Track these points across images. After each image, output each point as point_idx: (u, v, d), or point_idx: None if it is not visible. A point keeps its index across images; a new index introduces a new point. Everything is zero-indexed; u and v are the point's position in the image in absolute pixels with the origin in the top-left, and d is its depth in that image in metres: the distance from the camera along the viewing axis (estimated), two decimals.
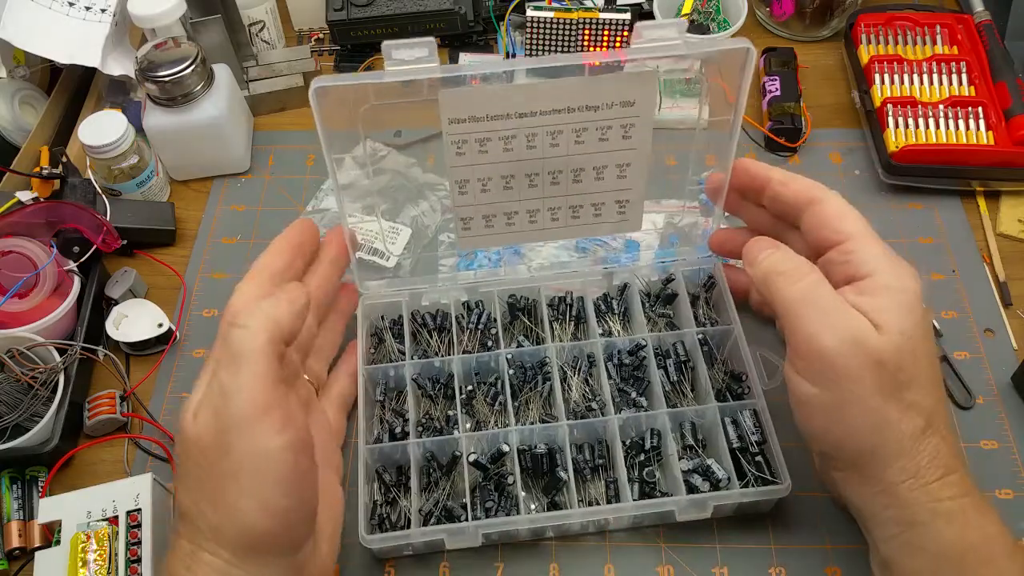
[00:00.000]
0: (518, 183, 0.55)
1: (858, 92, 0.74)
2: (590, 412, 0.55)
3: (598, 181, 0.56)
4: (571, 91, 0.50)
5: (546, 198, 0.56)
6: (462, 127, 0.51)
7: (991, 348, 0.61)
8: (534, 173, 0.54)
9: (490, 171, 0.54)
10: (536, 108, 0.51)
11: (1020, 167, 0.67)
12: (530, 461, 0.53)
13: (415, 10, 0.79)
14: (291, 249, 0.51)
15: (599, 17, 0.74)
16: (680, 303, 0.61)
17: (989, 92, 0.70)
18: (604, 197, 0.57)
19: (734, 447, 0.53)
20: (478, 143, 0.52)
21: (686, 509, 0.51)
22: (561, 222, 0.58)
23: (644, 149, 0.55)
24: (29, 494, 0.56)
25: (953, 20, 0.75)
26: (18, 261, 0.60)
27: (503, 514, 0.51)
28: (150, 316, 0.64)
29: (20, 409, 0.56)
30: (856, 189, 0.71)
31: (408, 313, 0.60)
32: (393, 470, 0.55)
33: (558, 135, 0.52)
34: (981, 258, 0.66)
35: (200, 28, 0.74)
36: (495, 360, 0.58)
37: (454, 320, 0.60)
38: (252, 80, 0.79)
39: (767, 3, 0.82)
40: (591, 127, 0.52)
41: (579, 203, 0.57)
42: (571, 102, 0.51)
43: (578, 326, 0.61)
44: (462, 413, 0.56)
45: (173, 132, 0.70)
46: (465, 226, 0.57)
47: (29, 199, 0.66)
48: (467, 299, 0.61)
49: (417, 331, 0.60)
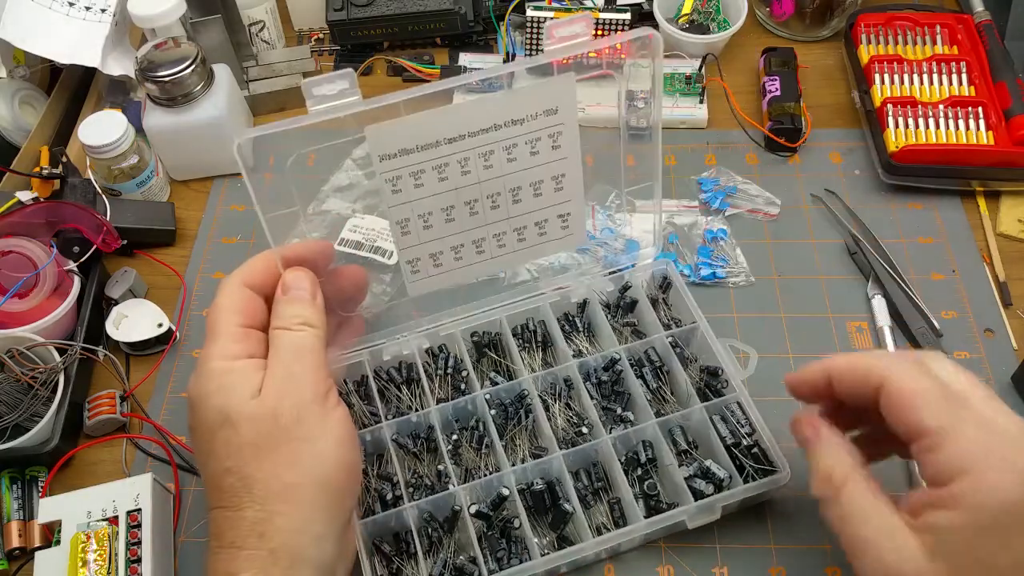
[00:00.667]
0: (459, 213, 0.54)
1: (858, 92, 0.74)
2: (580, 437, 0.54)
3: (537, 198, 0.55)
4: (494, 107, 0.50)
5: (489, 224, 0.55)
6: (394, 162, 0.50)
7: (991, 348, 0.61)
8: (473, 200, 0.53)
9: (429, 205, 0.53)
10: (464, 130, 0.50)
11: (1020, 167, 0.67)
12: (531, 499, 0.52)
13: (415, 10, 0.80)
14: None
15: (599, 17, 0.74)
16: (642, 309, 0.61)
17: (989, 92, 0.70)
18: (546, 213, 0.56)
19: (728, 443, 0.53)
20: (412, 176, 0.51)
21: (696, 516, 0.51)
22: (508, 247, 0.57)
23: (575, 157, 0.54)
24: (29, 494, 0.56)
25: (953, 20, 0.75)
26: (18, 261, 0.60)
27: (516, 560, 0.50)
28: (150, 316, 0.64)
29: (20, 409, 0.56)
30: (856, 189, 0.71)
31: (372, 371, 0.58)
32: (391, 539, 0.53)
33: (490, 155, 0.52)
34: (981, 258, 0.66)
35: (200, 28, 0.74)
36: (472, 403, 0.56)
37: (421, 369, 0.57)
38: (252, 80, 0.79)
39: (767, 3, 0.82)
40: (520, 142, 0.52)
41: (523, 224, 0.56)
42: (496, 118, 0.50)
43: (547, 351, 0.60)
44: (452, 464, 0.53)
45: (173, 132, 0.70)
46: (413, 268, 0.55)
47: (29, 199, 0.66)
48: (429, 345, 0.59)
49: (384, 388, 0.58)
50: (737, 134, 0.75)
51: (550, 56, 0.49)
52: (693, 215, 0.69)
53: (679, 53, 0.79)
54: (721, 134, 0.75)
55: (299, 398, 0.46)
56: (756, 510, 0.54)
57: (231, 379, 0.45)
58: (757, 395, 0.54)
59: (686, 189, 0.71)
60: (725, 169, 0.72)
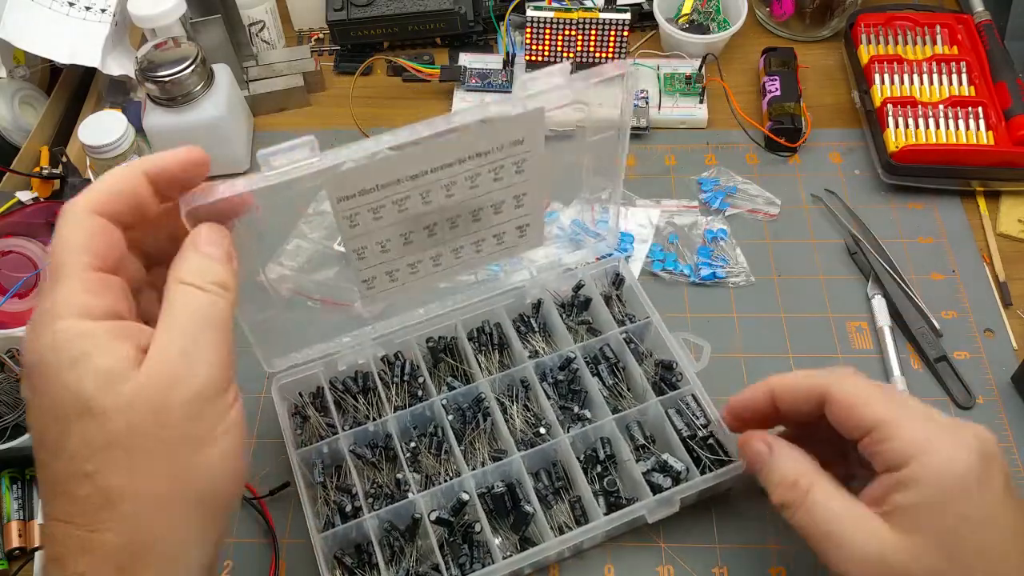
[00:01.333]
0: (417, 236, 0.52)
1: (858, 92, 0.74)
2: (538, 437, 0.54)
3: (497, 215, 0.54)
4: (460, 145, 0.48)
5: (447, 242, 0.54)
6: (352, 202, 0.47)
7: (991, 348, 0.61)
8: (432, 224, 0.52)
9: (387, 233, 0.51)
10: (427, 167, 0.48)
11: (1020, 167, 0.67)
12: (492, 502, 0.52)
13: (415, 10, 0.80)
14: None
15: (599, 17, 0.74)
16: (595, 306, 0.61)
17: (989, 92, 0.70)
18: (504, 227, 0.55)
19: (684, 436, 0.53)
20: (371, 212, 0.48)
21: (655, 510, 0.51)
22: (464, 259, 0.56)
23: (537, 178, 0.53)
24: (29, 494, 0.56)
25: (953, 20, 0.75)
26: (18, 261, 0.60)
27: (479, 565, 0.50)
28: None
29: (20, 409, 0.56)
30: (856, 189, 0.71)
31: (327, 383, 0.57)
32: (352, 551, 0.52)
33: (452, 186, 0.50)
34: (981, 258, 0.66)
35: (200, 28, 0.74)
36: (430, 408, 0.56)
37: (377, 378, 0.57)
38: (252, 80, 0.79)
39: (767, 3, 0.82)
40: (483, 171, 0.50)
41: (480, 238, 0.55)
42: (461, 154, 0.48)
43: (503, 353, 0.60)
44: (411, 472, 0.53)
45: (173, 132, 0.70)
46: (368, 286, 0.53)
47: (29, 199, 0.67)
48: (384, 353, 0.59)
49: (341, 399, 0.57)
50: (737, 134, 0.75)
51: (517, 106, 0.47)
52: (693, 215, 0.69)
53: (679, 53, 0.79)
54: (721, 134, 0.75)
55: (197, 386, 0.35)
56: (759, 511, 0.54)
57: (92, 349, 0.33)
58: (711, 388, 0.55)
59: (686, 189, 0.71)
60: (725, 169, 0.72)
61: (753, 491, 0.55)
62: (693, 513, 0.54)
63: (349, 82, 0.78)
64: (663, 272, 0.66)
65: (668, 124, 0.76)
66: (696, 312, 0.64)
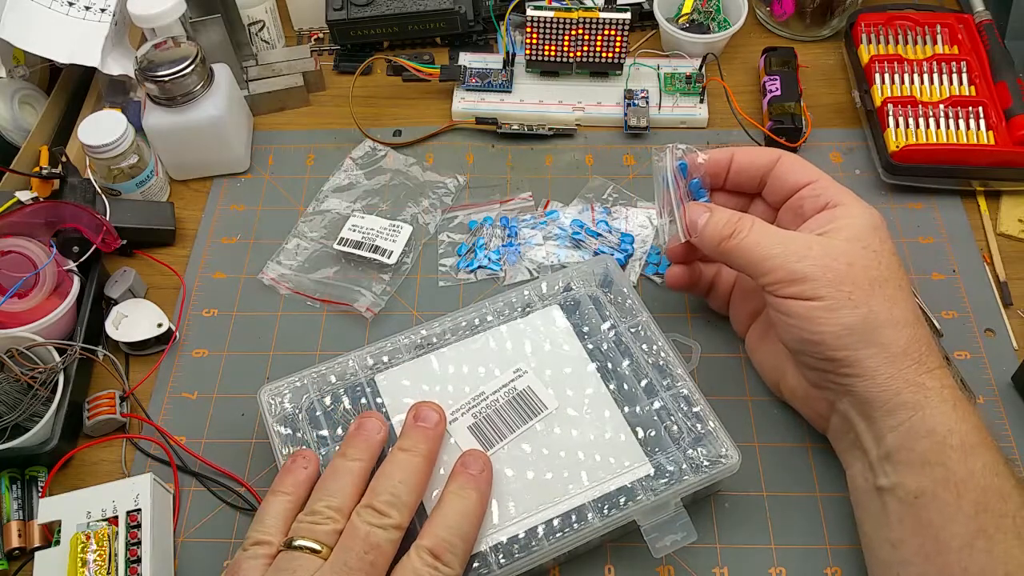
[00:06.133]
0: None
1: (858, 92, 0.74)
2: None
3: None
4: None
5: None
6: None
7: (991, 348, 0.61)
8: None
9: None
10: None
11: (1020, 167, 0.67)
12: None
13: (415, 10, 0.79)
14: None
15: (599, 16, 0.74)
16: (586, 307, 0.60)
17: (989, 92, 0.70)
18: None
19: (676, 436, 0.53)
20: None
21: (648, 514, 0.50)
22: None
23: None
24: (29, 494, 0.56)
25: (953, 20, 0.75)
26: (18, 261, 0.60)
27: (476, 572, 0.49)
28: (150, 316, 0.63)
29: (20, 409, 0.56)
30: (857, 189, 0.69)
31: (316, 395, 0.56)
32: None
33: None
34: (981, 258, 0.66)
35: (200, 28, 0.74)
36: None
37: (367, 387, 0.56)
38: (252, 80, 0.79)
39: (767, 3, 0.82)
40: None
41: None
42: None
43: None
44: None
45: (173, 132, 0.70)
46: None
47: (29, 199, 0.66)
48: (374, 363, 0.57)
49: (331, 411, 0.55)
50: (737, 134, 0.75)
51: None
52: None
53: (679, 53, 0.79)
54: (721, 134, 0.75)
55: None
56: (759, 511, 0.54)
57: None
58: (705, 388, 0.55)
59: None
60: None
61: (753, 491, 0.55)
62: (692, 513, 0.54)
63: (349, 82, 0.78)
64: (655, 276, 0.66)
65: (668, 124, 0.76)
66: (696, 312, 0.64)
